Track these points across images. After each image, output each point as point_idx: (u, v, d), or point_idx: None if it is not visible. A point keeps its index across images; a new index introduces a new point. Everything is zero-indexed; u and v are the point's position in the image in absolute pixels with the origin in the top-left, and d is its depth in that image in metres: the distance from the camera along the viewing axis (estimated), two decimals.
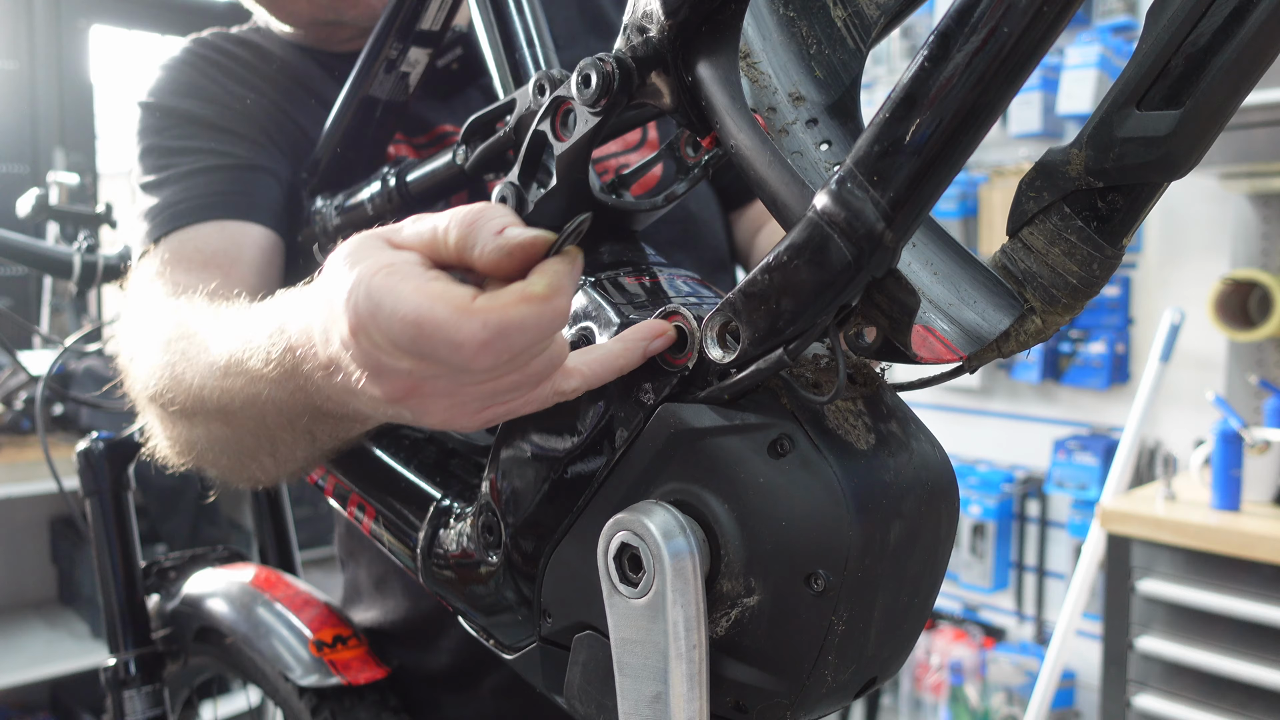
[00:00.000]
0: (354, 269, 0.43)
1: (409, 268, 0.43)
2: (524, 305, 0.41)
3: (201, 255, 0.81)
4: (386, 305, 0.42)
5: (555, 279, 0.42)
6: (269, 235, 0.85)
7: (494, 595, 0.60)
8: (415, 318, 0.41)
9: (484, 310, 0.41)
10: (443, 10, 0.76)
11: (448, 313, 0.41)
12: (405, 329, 0.41)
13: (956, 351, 0.42)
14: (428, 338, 0.41)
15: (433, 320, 0.41)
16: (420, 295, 0.41)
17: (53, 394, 2.00)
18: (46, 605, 2.70)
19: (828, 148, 0.47)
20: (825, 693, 0.45)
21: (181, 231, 0.82)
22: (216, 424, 0.67)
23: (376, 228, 0.47)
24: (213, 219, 0.82)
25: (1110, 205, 0.39)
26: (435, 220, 0.45)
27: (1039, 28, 0.34)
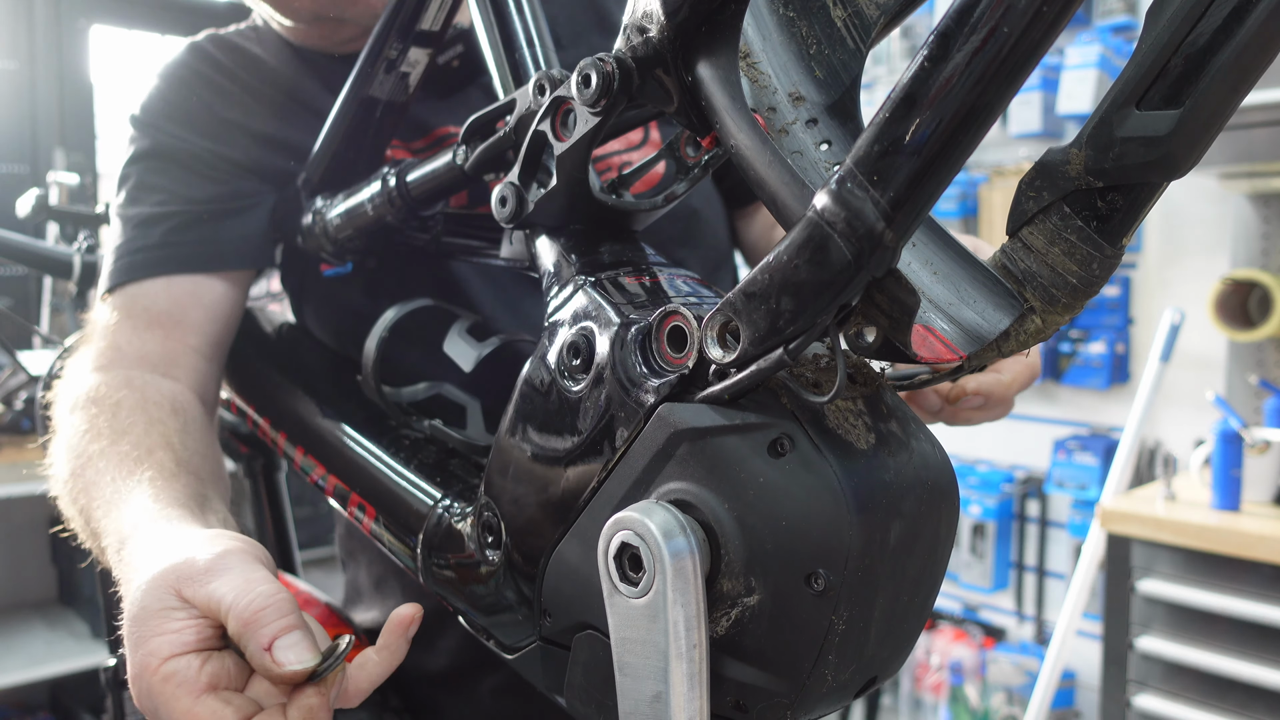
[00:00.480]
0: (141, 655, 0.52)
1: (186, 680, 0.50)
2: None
3: (148, 315, 0.86)
4: (163, 715, 0.50)
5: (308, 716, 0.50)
6: (217, 285, 0.89)
7: (494, 595, 0.60)
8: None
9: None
10: (443, 10, 0.76)
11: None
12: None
13: (956, 351, 0.42)
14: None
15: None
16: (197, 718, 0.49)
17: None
18: (47, 605, 2.71)
19: (828, 148, 0.47)
20: (825, 692, 0.45)
21: (134, 285, 0.87)
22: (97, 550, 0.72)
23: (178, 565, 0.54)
24: (162, 274, 0.87)
25: (1110, 205, 0.39)
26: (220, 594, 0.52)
27: (1039, 28, 0.34)
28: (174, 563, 0.54)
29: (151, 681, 0.51)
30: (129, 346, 0.85)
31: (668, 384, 0.47)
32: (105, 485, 0.69)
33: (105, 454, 0.72)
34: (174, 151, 0.90)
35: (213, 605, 0.52)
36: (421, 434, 0.76)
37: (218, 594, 0.52)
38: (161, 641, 0.51)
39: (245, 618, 0.50)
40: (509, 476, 0.57)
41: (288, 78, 0.93)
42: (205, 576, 0.53)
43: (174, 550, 0.55)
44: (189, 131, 0.91)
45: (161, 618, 0.52)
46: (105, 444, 0.73)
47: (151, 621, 0.52)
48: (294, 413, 0.86)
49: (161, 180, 0.90)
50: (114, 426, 0.75)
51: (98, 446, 0.73)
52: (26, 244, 1.34)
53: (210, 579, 0.52)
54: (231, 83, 0.92)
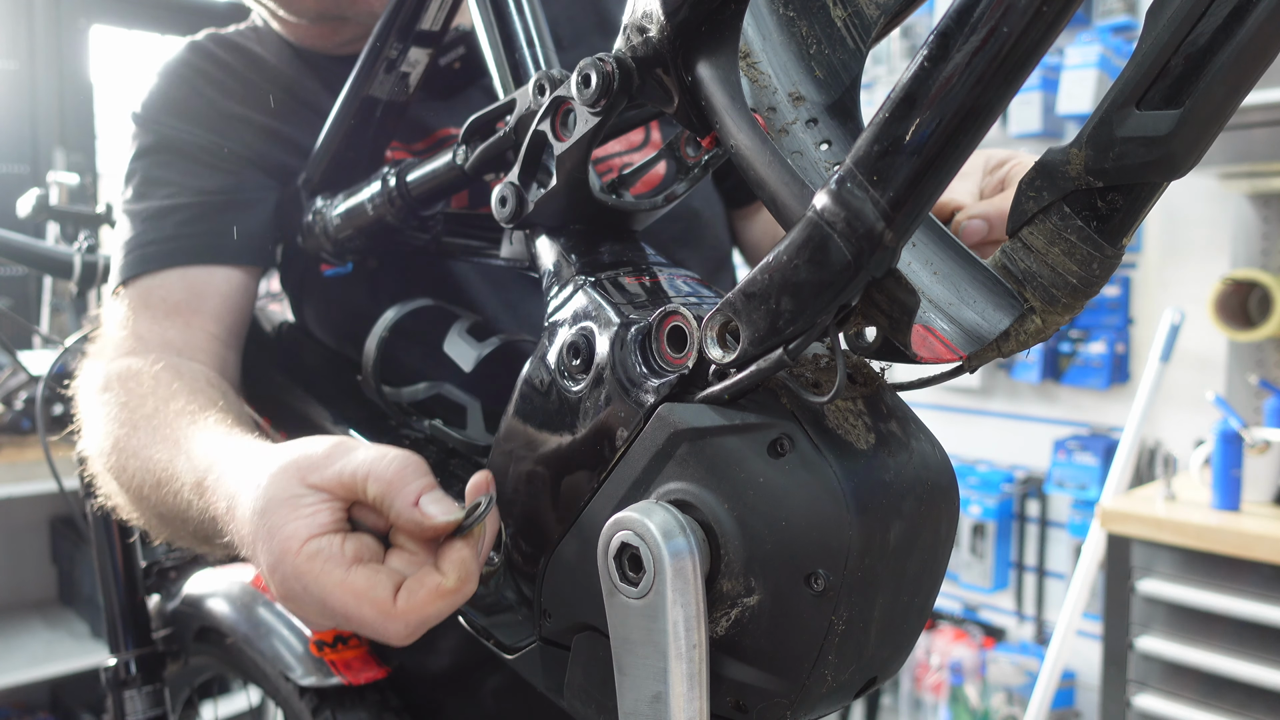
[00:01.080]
0: (276, 543, 0.50)
1: (328, 546, 0.50)
2: (439, 601, 0.49)
3: (164, 305, 0.86)
4: (313, 593, 0.49)
5: (463, 570, 0.50)
6: (233, 275, 0.89)
7: (494, 595, 0.60)
8: (344, 613, 0.49)
9: (405, 613, 0.48)
10: (443, 10, 0.76)
11: (374, 615, 0.48)
12: (333, 618, 0.49)
13: (956, 351, 0.42)
14: (357, 627, 0.49)
15: (360, 619, 0.49)
16: (345, 592, 0.48)
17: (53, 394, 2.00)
18: (47, 605, 2.70)
19: (828, 147, 0.47)
20: (825, 692, 0.45)
21: (149, 278, 0.87)
22: (154, 518, 0.73)
23: (296, 462, 0.53)
24: (177, 265, 0.87)
25: (1110, 205, 0.39)
26: (354, 466, 0.51)
27: (1039, 28, 0.34)
28: (292, 457, 0.53)
29: (296, 563, 0.49)
30: (150, 335, 0.84)
31: (667, 384, 0.47)
32: (165, 438, 0.68)
33: (157, 413, 0.71)
34: (179, 144, 0.90)
35: (346, 479, 0.51)
36: (422, 434, 0.76)
37: (351, 466, 0.51)
38: (298, 525, 0.50)
39: (388, 478, 0.50)
40: (509, 476, 0.57)
41: (288, 76, 0.93)
42: (329, 460, 0.52)
43: (283, 451, 0.54)
44: (193, 125, 0.90)
45: (291, 505, 0.51)
46: (153, 407, 0.72)
47: (281, 510, 0.51)
48: (294, 412, 0.86)
49: (169, 174, 0.90)
50: (158, 393, 0.74)
51: (145, 411, 0.73)
52: (26, 244, 1.34)
53: (337, 459, 0.52)
54: (232, 79, 0.92)
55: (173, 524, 0.70)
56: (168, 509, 0.68)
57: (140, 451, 0.70)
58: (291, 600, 0.51)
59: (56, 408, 2.20)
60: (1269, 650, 1.79)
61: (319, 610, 0.50)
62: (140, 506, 0.73)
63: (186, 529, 0.68)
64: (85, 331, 1.35)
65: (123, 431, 0.73)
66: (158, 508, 0.70)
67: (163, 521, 0.72)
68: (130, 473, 0.72)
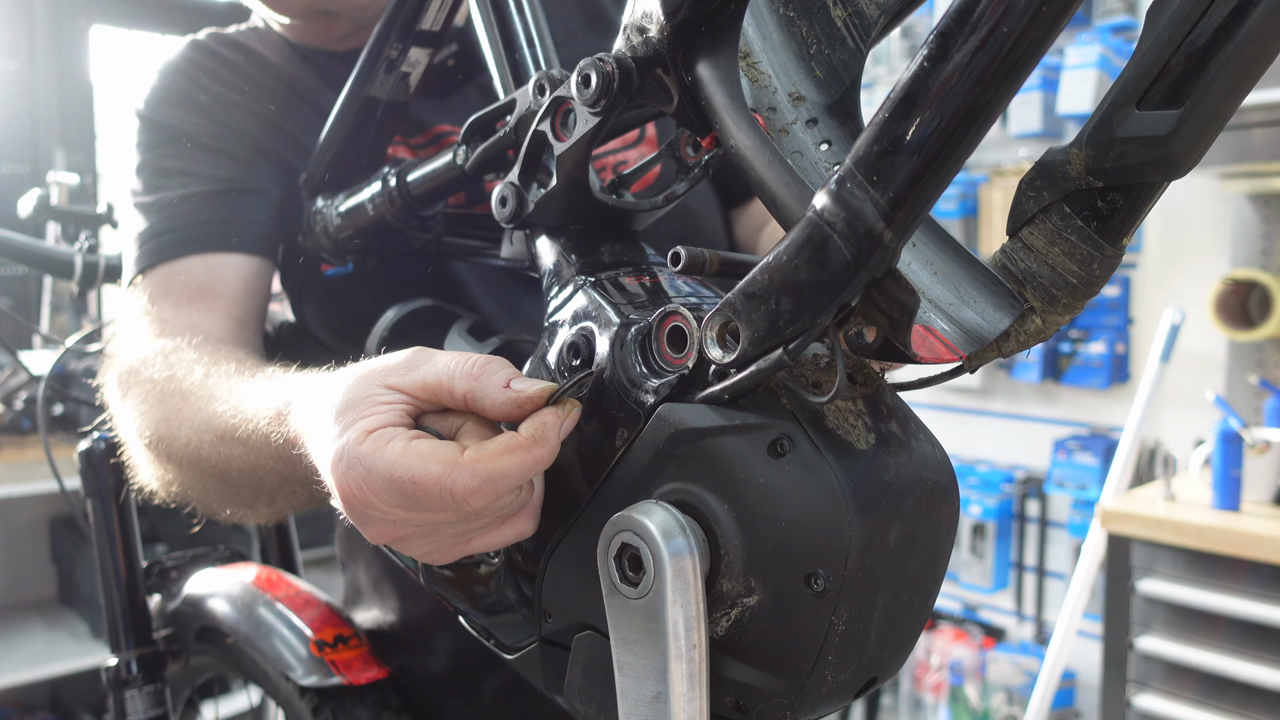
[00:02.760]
0: (342, 435, 0.48)
1: (391, 430, 0.48)
2: (509, 455, 0.46)
3: (187, 291, 0.84)
4: (378, 470, 0.46)
5: (540, 429, 0.47)
6: (252, 262, 0.88)
7: (494, 595, 0.60)
8: (410, 477, 0.46)
9: (473, 462, 0.46)
10: (443, 10, 0.76)
11: (441, 468, 0.46)
12: (400, 488, 0.46)
13: (956, 351, 0.42)
14: (424, 492, 0.46)
15: (428, 476, 0.45)
16: (411, 456, 0.46)
17: (53, 394, 2.00)
18: (47, 605, 2.70)
19: (828, 147, 0.47)
20: (825, 693, 0.45)
21: (168, 265, 0.85)
22: (211, 478, 0.71)
23: (379, 367, 0.51)
24: (196, 252, 0.85)
25: (1110, 205, 0.39)
26: (439, 369, 0.50)
27: (1039, 27, 0.34)
28: (372, 365, 0.52)
29: (358, 451, 0.47)
30: (175, 319, 0.83)
31: (668, 384, 0.47)
32: (228, 392, 0.66)
33: (210, 375, 0.70)
34: (188, 134, 0.89)
35: (430, 382, 0.50)
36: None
37: (437, 367, 0.50)
38: (368, 420, 0.48)
39: (474, 372, 0.49)
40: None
41: (290, 74, 0.93)
42: (412, 364, 0.51)
43: (364, 362, 0.53)
44: (199, 115, 0.90)
45: (368, 402, 0.49)
46: (203, 373, 0.71)
47: (357, 407, 0.49)
48: None
49: (180, 163, 0.89)
50: (204, 361, 0.73)
51: (195, 378, 0.71)
52: (27, 244, 1.34)
53: (422, 363, 0.50)
54: (235, 74, 0.92)
55: (236, 479, 0.67)
56: (234, 463, 0.65)
57: (196, 416, 0.69)
58: (349, 495, 0.48)
59: (57, 408, 2.21)
60: (1269, 650, 1.79)
61: (386, 486, 0.46)
62: (196, 472, 0.70)
63: (256, 476, 0.65)
64: (86, 331, 1.35)
65: (173, 403, 0.71)
66: (219, 466, 0.67)
67: (222, 482, 0.69)
68: (183, 440, 0.70)
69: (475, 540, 0.51)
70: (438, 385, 0.49)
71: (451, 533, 0.50)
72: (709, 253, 0.49)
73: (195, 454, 0.69)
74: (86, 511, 1.10)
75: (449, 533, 0.50)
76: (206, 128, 0.89)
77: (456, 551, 0.51)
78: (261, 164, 0.90)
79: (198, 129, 0.89)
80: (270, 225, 0.89)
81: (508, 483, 0.46)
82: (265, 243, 0.89)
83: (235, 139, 0.89)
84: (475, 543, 0.51)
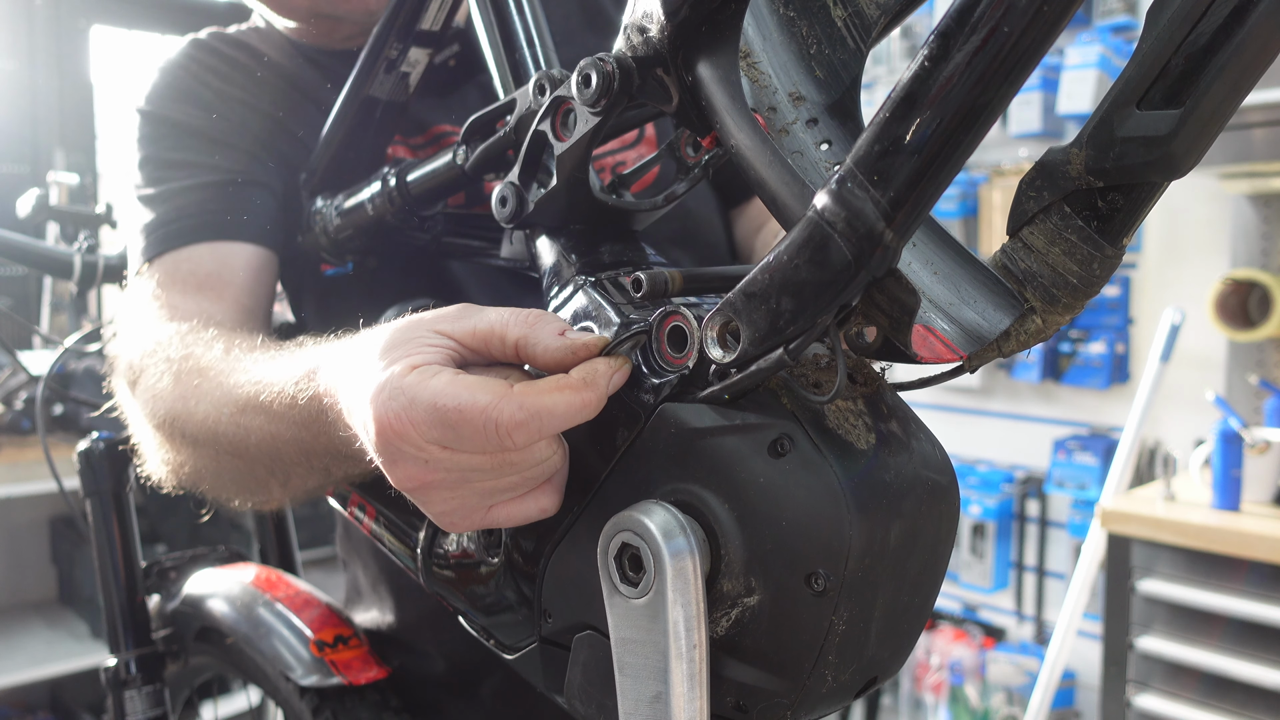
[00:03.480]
0: (387, 369, 0.47)
1: (437, 366, 0.47)
2: (558, 393, 0.46)
3: (195, 278, 0.83)
4: (422, 399, 0.45)
5: (592, 374, 0.47)
6: (260, 252, 0.87)
7: (494, 595, 0.60)
8: (456, 404, 0.45)
9: (521, 394, 0.45)
10: (443, 10, 0.76)
11: (488, 397, 0.45)
12: (444, 416, 0.45)
13: (957, 351, 0.42)
14: (468, 421, 0.45)
15: (474, 404, 0.45)
16: (458, 386, 0.45)
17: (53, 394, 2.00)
18: (46, 605, 2.70)
19: (828, 147, 0.47)
20: (826, 693, 0.45)
21: (175, 253, 0.85)
22: (227, 455, 0.69)
23: (428, 316, 0.51)
24: (204, 240, 0.85)
25: (1110, 205, 0.39)
26: (491, 318, 0.49)
27: (1039, 28, 0.34)
28: (423, 315, 0.51)
29: (402, 382, 0.46)
30: (184, 306, 0.81)
31: (668, 384, 0.47)
32: (251, 363, 0.65)
33: (230, 351, 0.69)
34: (191, 126, 0.89)
35: (481, 331, 0.49)
36: None
37: (489, 316, 0.49)
38: (417, 356, 0.47)
39: (530, 320, 0.48)
40: None
41: (291, 71, 0.93)
42: (463, 315, 0.50)
43: (411, 316, 0.51)
44: (202, 109, 0.90)
45: (415, 343, 0.48)
46: (222, 349, 0.70)
47: (404, 345, 0.48)
48: None
49: (185, 155, 0.88)
50: (222, 338, 0.72)
51: (213, 355, 0.70)
52: (27, 244, 1.34)
53: (473, 313, 0.50)
54: (236, 71, 0.92)
55: (253, 453, 0.66)
56: (252, 434, 0.64)
57: (215, 390, 0.67)
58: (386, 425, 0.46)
59: (56, 408, 2.21)
60: (1269, 650, 1.79)
61: (428, 416, 0.45)
62: (211, 450, 0.69)
63: (274, 448, 0.64)
64: (85, 331, 1.35)
65: (190, 380, 0.70)
66: (236, 440, 0.66)
67: (237, 457, 0.68)
68: (200, 417, 0.68)
69: (497, 509, 0.50)
70: (489, 333, 0.49)
71: (480, 488, 0.48)
72: (669, 273, 0.49)
73: (212, 430, 0.68)
74: (86, 511, 1.10)
75: (477, 488, 0.48)
76: (210, 121, 0.89)
77: (477, 517, 0.50)
78: (265, 159, 0.90)
79: (202, 122, 0.89)
80: (276, 219, 0.89)
81: (553, 422, 0.45)
82: (272, 235, 0.88)
83: (239, 133, 0.89)
84: (497, 511, 0.50)
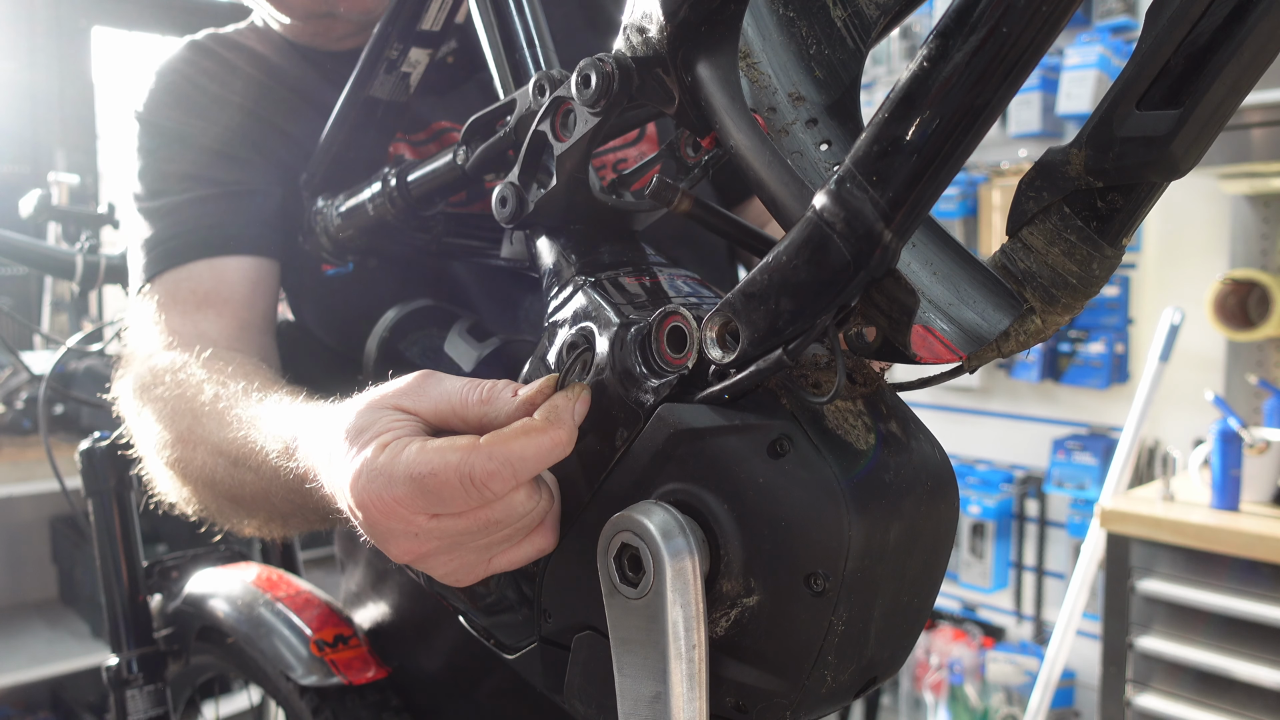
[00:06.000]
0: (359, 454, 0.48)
1: (406, 438, 0.48)
2: (525, 438, 0.46)
3: (195, 297, 0.84)
4: (398, 473, 0.46)
5: (553, 412, 0.48)
6: (258, 263, 0.88)
7: (494, 595, 0.60)
8: (430, 469, 0.46)
9: (489, 445, 0.46)
10: (443, 10, 0.76)
11: (458, 455, 0.46)
12: (421, 484, 0.46)
13: (956, 351, 0.42)
14: (444, 484, 0.46)
15: (445, 465, 0.46)
16: (429, 453, 0.46)
17: (54, 394, 2.00)
18: (47, 605, 2.71)
19: (827, 148, 0.47)
20: (825, 693, 0.45)
21: (174, 271, 0.85)
22: (226, 500, 0.71)
23: (388, 392, 0.51)
24: (202, 257, 0.85)
25: (1110, 205, 0.39)
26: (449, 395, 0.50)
27: (1039, 27, 0.34)
28: (382, 391, 0.52)
29: (376, 461, 0.47)
30: (184, 329, 0.82)
31: (667, 384, 0.47)
32: (236, 419, 0.67)
33: (220, 398, 0.70)
34: (188, 136, 0.89)
35: (443, 407, 0.50)
36: None
37: (448, 390, 0.50)
38: (385, 436, 0.49)
39: (485, 397, 0.49)
40: None
41: (290, 73, 0.93)
42: (423, 388, 0.51)
43: (372, 390, 0.53)
44: (199, 117, 0.90)
45: (380, 423, 0.49)
46: (212, 393, 0.71)
47: (371, 428, 0.49)
48: None
49: (181, 166, 0.88)
50: (214, 380, 0.73)
51: (205, 398, 0.71)
52: (28, 244, 1.34)
53: (432, 386, 0.51)
54: (234, 75, 0.92)
55: (250, 503, 0.68)
56: (246, 487, 0.66)
57: (209, 438, 0.69)
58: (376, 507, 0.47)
59: (57, 408, 2.21)
60: (1268, 650, 1.79)
61: (407, 488, 0.46)
62: (211, 493, 0.71)
63: (269, 502, 0.65)
64: (86, 332, 1.36)
65: (185, 423, 0.72)
66: (233, 490, 0.68)
67: (236, 504, 0.70)
68: (199, 463, 0.70)
69: (498, 558, 0.51)
70: (450, 413, 0.50)
71: (474, 547, 0.50)
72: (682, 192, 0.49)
73: (210, 477, 0.70)
74: (87, 511, 1.10)
75: (472, 547, 0.50)
76: (206, 130, 0.89)
77: (479, 571, 0.51)
78: (262, 164, 0.90)
79: (198, 131, 0.89)
80: (275, 225, 0.89)
81: (526, 466, 0.46)
82: (270, 243, 0.89)
83: (235, 140, 0.89)
84: (497, 561, 0.51)
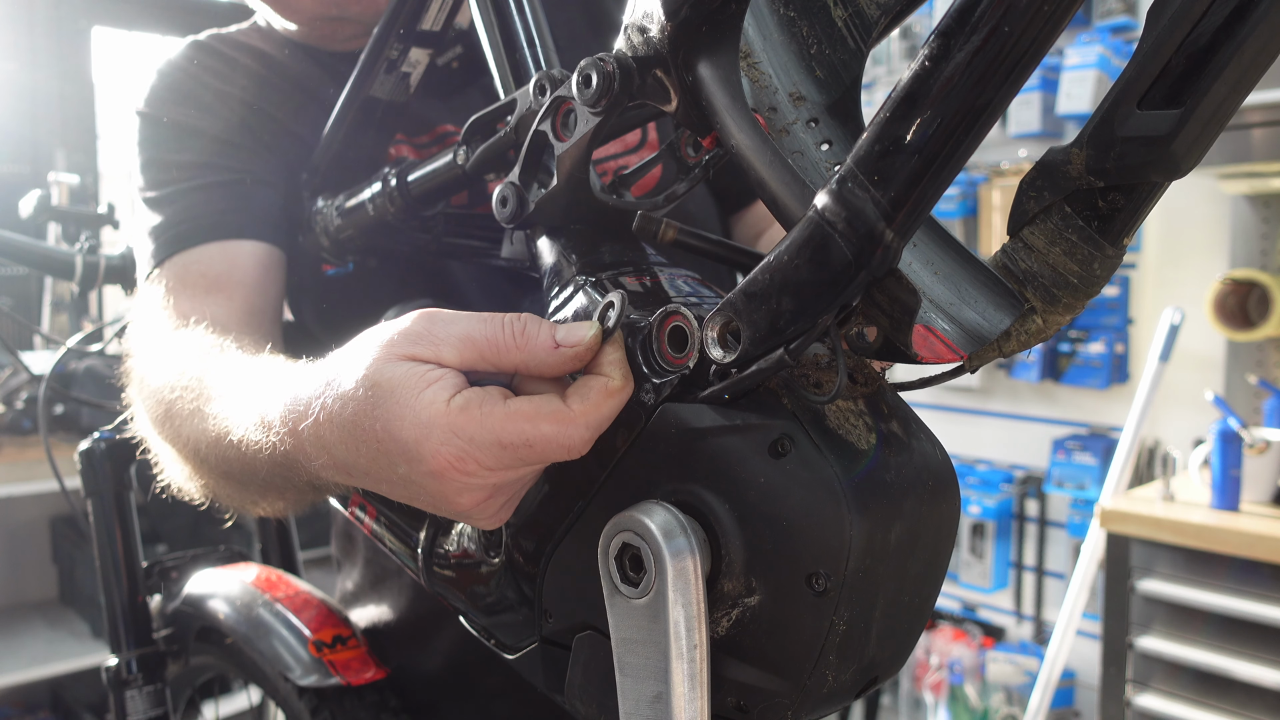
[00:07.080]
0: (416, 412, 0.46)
1: (486, 399, 0.46)
2: (610, 400, 0.47)
3: (205, 280, 0.83)
4: (482, 438, 0.45)
5: (623, 368, 0.48)
6: (269, 250, 0.87)
7: (495, 595, 0.60)
8: (524, 440, 0.46)
9: (584, 415, 0.46)
10: (443, 10, 0.76)
11: (553, 427, 0.46)
12: (513, 452, 0.46)
13: (957, 351, 0.42)
14: (539, 453, 0.46)
15: (541, 437, 0.46)
16: (519, 420, 0.46)
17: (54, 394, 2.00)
18: (47, 605, 2.71)
19: (828, 148, 0.47)
20: (826, 693, 0.45)
21: (185, 254, 0.84)
22: (218, 477, 0.70)
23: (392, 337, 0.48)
24: (214, 240, 0.85)
25: (1111, 205, 0.39)
26: (470, 327, 0.48)
27: (1039, 27, 0.34)
28: (384, 337, 0.48)
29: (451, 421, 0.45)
30: (192, 311, 0.81)
31: (668, 384, 0.47)
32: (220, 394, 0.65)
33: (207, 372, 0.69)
34: (192, 127, 0.89)
35: (468, 349, 0.47)
36: None
37: (468, 332, 0.47)
38: (433, 391, 0.46)
39: (519, 343, 0.47)
40: None
41: (293, 70, 0.93)
42: (432, 333, 0.48)
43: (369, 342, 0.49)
44: (202, 110, 0.89)
45: (411, 378, 0.46)
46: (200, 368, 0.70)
47: (403, 387, 0.46)
48: None
49: (188, 156, 0.88)
50: (207, 354, 0.72)
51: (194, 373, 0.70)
52: (28, 244, 1.34)
53: (441, 328, 0.48)
54: (237, 71, 0.91)
55: (239, 479, 0.66)
56: (231, 463, 0.64)
57: (195, 414, 0.68)
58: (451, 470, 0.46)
59: (57, 408, 2.21)
60: (1268, 650, 1.79)
61: (494, 453, 0.45)
62: (202, 470, 0.70)
63: (256, 478, 0.63)
64: (86, 332, 1.35)
65: (174, 396, 0.71)
66: (220, 466, 0.66)
67: (227, 480, 0.68)
68: (185, 437, 0.69)
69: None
70: (478, 358, 0.48)
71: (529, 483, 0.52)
72: (665, 223, 0.49)
73: (196, 453, 0.69)
74: (87, 511, 1.10)
75: (528, 484, 0.52)
76: (211, 122, 0.89)
77: (514, 504, 0.52)
78: (267, 158, 0.89)
79: (203, 123, 0.89)
80: (281, 216, 0.89)
81: (608, 423, 0.48)
82: (280, 232, 0.88)
83: (241, 132, 0.89)
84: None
